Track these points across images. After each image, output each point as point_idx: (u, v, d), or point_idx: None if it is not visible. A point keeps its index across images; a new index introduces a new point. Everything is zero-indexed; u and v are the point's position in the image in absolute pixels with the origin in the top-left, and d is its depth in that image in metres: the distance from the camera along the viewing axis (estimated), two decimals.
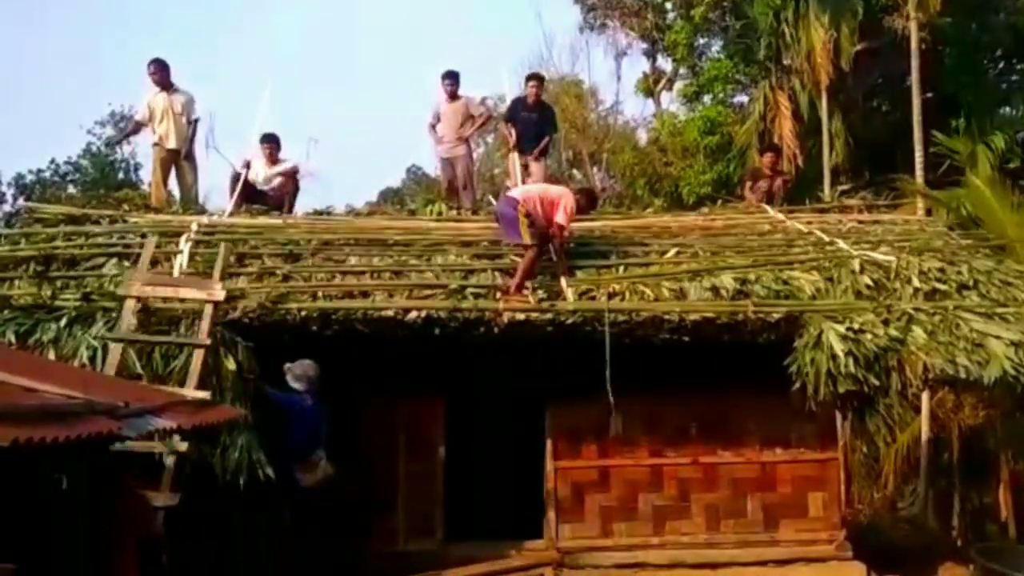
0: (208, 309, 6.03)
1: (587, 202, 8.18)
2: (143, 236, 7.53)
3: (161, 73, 9.56)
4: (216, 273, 6.35)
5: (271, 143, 9.57)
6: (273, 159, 9.58)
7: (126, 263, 7.32)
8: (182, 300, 6.17)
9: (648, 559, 7.56)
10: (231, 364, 6.15)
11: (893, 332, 6.75)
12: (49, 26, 42.42)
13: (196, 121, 9.70)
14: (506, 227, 7.52)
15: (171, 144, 9.54)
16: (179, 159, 9.65)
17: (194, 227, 7.91)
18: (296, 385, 6.75)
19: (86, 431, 2.97)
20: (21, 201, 19.38)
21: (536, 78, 10.48)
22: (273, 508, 6.49)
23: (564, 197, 7.66)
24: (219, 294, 6.09)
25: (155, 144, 9.63)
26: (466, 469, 7.81)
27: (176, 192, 9.80)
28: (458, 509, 7.59)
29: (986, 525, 10.87)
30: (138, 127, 9.95)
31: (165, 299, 6.22)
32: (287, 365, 6.77)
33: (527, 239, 7.30)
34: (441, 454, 7.61)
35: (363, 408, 7.33)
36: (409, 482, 7.58)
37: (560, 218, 7.48)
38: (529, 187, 8.25)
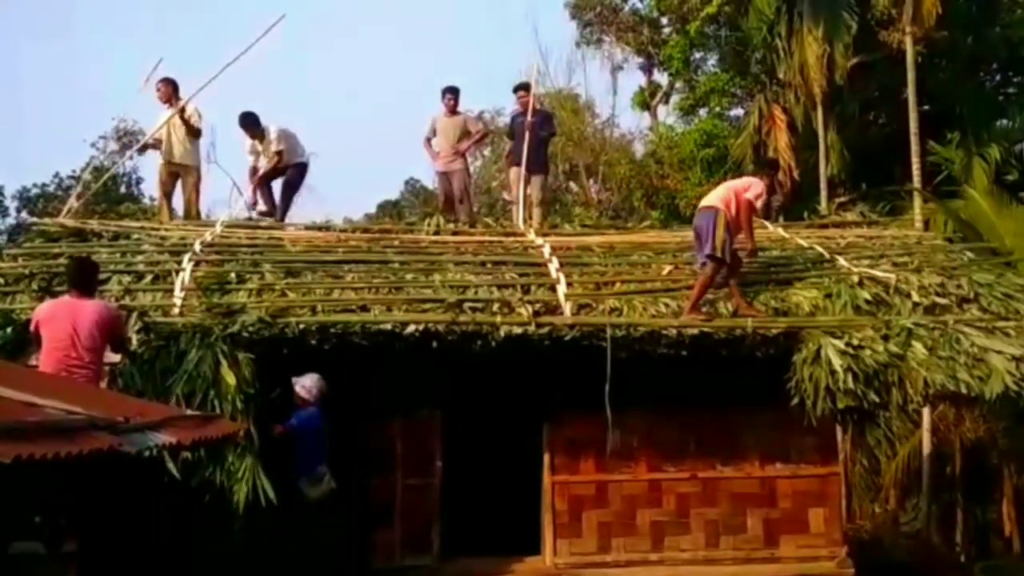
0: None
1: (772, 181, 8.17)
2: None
3: (166, 90, 9.63)
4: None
5: (250, 124, 9.63)
6: (259, 137, 9.67)
7: (128, 278, 7.32)
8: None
9: (647, 575, 7.51)
10: (231, 379, 6.14)
11: (893, 348, 6.73)
12: (51, 37, 42.55)
13: (199, 132, 9.76)
14: (704, 238, 7.25)
15: (174, 158, 9.57)
16: (181, 171, 9.67)
17: (197, 247, 7.91)
18: (306, 396, 6.82)
19: (87, 447, 2.96)
20: (25, 215, 19.43)
21: (523, 88, 10.54)
22: (275, 524, 6.46)
23: (753, 181, 7.71)
24: (115, 357, 6.15)
25: (162, 163, 9.65)
26: (463, 484, 7.77)
27: (179, 204, 9.82)
28: (455, 524, 7.55)
29: (990, 540, 10.82)
30: (157, 143, 9.88)
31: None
32: (295, 378, 6.83)
33: (718, 251, 7.17)
34: (438, 468, 7.57)
35: (361, 422, 7.30)
36: (406, 497, 7.53)
37: (751, 194, 7.48)
38: (722, 188, 7.88)
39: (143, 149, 9.85)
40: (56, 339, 5.59)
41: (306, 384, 6.84)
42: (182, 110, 9.50)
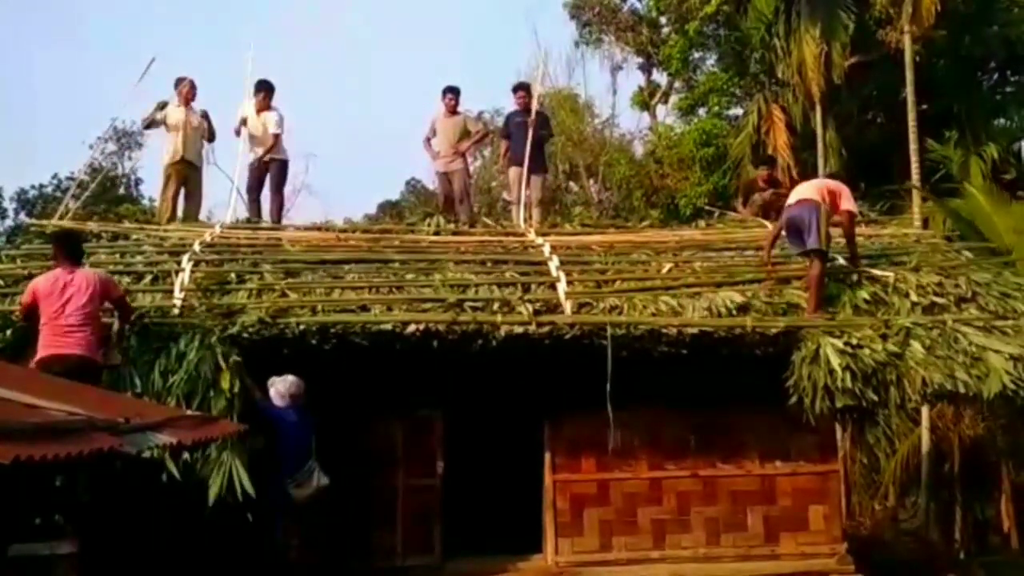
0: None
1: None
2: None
3: (191, 91, 9.72)
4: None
5: (265, 89, 9.73)
6: (266, 107, 9.72)
7: (127, 279, 7.32)
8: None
9: (648, 573, 7.51)
10: (226, 381, 6.13)
11: (891, 347, 6.75)
12: (53, 40, 42.55)
13: (215, 135, 9.89)
14: (806, 231, 7.28)
15: (185, 156, 9.54)
16: (190, 172, 9.66)
17: (196, 247, 7.91)
18: (278, 401, 6.70)
19: (87, 448, 2.97)
20: (23, 216, 19.41)
21: (522, 87, 10.58)
22: (266, 527, 6.45)
23: (843, 187, 7.75)
24: (116, 359, 6.28)
25: (172, 162, 9.58)
26: (465, 483, 7.78)
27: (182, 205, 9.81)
28: (457, 524, 7.56)
29: (988, 537, 10.84)
30: (153, 124, 9.84)
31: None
32: (272, 379, 6.73)
33: (823, 244, 7.19)
34: (440, 469, 7.58)
35: (362, 422, 7.31)
36: (408, 497, 7.53)
37: (849, 204, 7.53)
38: (815, 184, 7.96)
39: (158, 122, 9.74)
40: (54, 307, 5.98)
41: (280, 388, 6.69)
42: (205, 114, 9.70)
